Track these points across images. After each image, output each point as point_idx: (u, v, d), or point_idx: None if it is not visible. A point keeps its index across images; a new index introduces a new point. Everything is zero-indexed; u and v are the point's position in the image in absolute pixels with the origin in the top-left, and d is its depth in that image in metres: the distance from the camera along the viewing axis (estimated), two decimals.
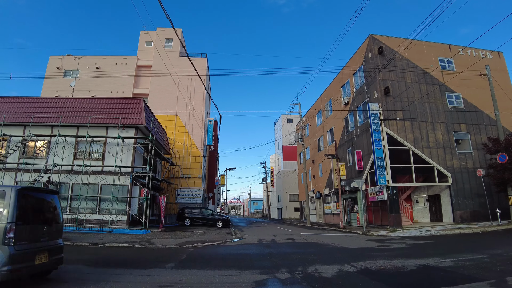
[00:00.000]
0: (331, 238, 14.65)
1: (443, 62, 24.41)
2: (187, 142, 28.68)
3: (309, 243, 12.26)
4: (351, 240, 13.40)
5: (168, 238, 13.25)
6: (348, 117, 26.07)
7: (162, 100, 29.92)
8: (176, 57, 31.74)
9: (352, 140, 24.97)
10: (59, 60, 32.84)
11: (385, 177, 19.65)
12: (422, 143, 21.56)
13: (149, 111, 19.47)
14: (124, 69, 31.86)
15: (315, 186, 33.69)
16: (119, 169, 17.58)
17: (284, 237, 14.61)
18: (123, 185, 17.86)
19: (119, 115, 18.40)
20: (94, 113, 18.68)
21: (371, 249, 10.21)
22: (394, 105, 21.76)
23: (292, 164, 52.70)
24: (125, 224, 17.27)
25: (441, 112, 22.84)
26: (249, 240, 13.33)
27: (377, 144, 20.14)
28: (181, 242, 12.11)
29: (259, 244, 11.85)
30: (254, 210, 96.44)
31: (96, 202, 17.73)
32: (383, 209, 20.88)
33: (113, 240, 12.36)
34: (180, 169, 27.52)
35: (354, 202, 24.18)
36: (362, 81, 24.08)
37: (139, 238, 13.38)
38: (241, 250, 10.15)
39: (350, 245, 11.36)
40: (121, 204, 17.56)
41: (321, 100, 32.94)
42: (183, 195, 27.08)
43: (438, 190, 22.41)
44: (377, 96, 21.88)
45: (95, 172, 17.75)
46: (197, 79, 30.67)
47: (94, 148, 18.65)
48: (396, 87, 22.29)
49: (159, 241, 12.24)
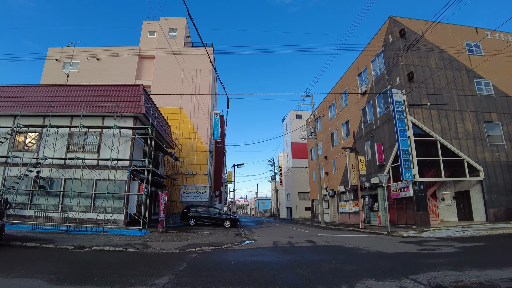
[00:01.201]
0: (356, 240, 12.68)
1: (470, 46, 22.21)
2: (192, 137, 26.90)
3: (334, 246, 10.32)
4: (381, 243, 11.43)
5: (169, 241, 11.44)
6: (366, 107, 24.00)
7: (165, 92, 28.17)
8: (180, 47, 29.96)
9: (371, 132, 22.90)
10: (58, 51, 31.33)
11: (411, 171, 17.59)
12: (451, 134, 19.43)
13: (149, 99, 17.70)
14: (126, 60, 30.27)
15: (328, 184, 31.65)
16: (116, 163, 15.84)
17: (302, 239, 12.68)
18: (120, 181, 16.12)
19: (116, 103, 16.68)
20: (89, 102, 16.98)
21: (415, 254, 8.25)
22: (419, 92, 19.66)
23: (301, 162, 50.67)
24: (123, 224, 15.53)
25: (470, 100, 20.68)
26: (262, 243, 11.43)
27: (401, 135, 18.08)
28: (183, 245, 10.29)
29: (275, 248, 9.96)
30: (262, 209, 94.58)
31: (91, 199, 16.02)
32: (408, 207, 18.81)
33: (104, 242, 10.59)
34: (184, 165, 25.75)
35: (374, 199, 22.12)
36: (382, 67, 22.00)
37: (135, 240, 11.60)
38: (254, 256, 8.26)
39: (385, 249, 9.41)
40: (118, 202, 15.82)
41: (335, 91, 30.88)
42: (188, 193, 25.30)
43: (467, 186, 20.26)
44: (400, 82, 19.79)
45: (89, 166, 16.05)
46: (202, 70, 28.93)
47: (88, 140, 16.95)
48: (420, 73, 20.20)
49: (157, 244, 10.43)
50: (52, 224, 14.49)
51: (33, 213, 14.86)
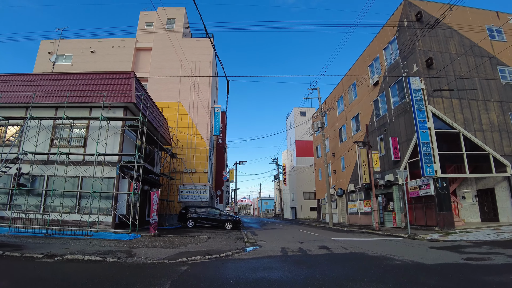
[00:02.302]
0: (376, 245, 10.92)
1: (491, 31, 20.39)
2: (191, 132, 25.21)
3: (356, 255, 8.57)
4: (408, 249, 9.66)
5: (158, 247, 9.74)
6: (378, 99, 22.19)
7: (163, 85, 26.54)
8: (179, 38, 28.30)
9: (385, 125, 21.09)
10: (50, 44, 29.74)
11: (432, 167, 15.79)
12: (474, 126, 17.61)
13: (141, 87, 16.02)
14: (122, 53, 28.65)
15: (336, 182, 29.85)
16: (103, 158, 14.17)
17: (314, 245, 10.93)
18: (108, 178, 14.45)
19: (105, 93, 15.03)
20: (76, 91, 15.34)
21: (465, 266, 6.51)
22: (438, 80, 17.85)
23: (306, 160, 48.86)
24: (110, 227, 13.87)
25: (494, 89, 18.85)
26: (269, 250, 9.69)
27: (421, 126, 16.29)
28: (174, 253, 8.59)
29: (285, 258, 8.22)
30: (265, 209, 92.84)
31: (76, 199, 14.36)
32: (428, 206, 17.02)
33: (82, 249, 8.92)
34: (183, 162, 24.06)
35: (388, 199, 20.31)
36: (396, 54, 20.20)
37: (120, 246, 9.92)
38: (260, 271, 6.53)
39: (420, 258, 7.65)
40: (106, 202, 14.15)
41: (343, 84, 29.07)
42: (186, 192, 23.61)
43: (492, 183, 18.43)
44: (418, 69, 17.99)
45: (74, 162, 14.40)
46: (202, 61, 27.27)
47: (74, 133, 15.31)
48: (439, 59, 18.39)
49: (143, 252, 8.74)
50: (33, 227, 12.88)
51: (10, 215, 13.23)
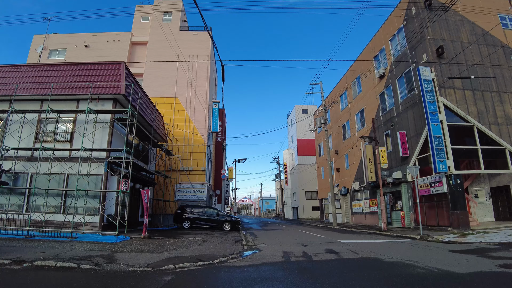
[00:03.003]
0: (389, 248, 9.84)
1: (503, 19, 19.26)
2: (189, 129, 24.13)
3: (369, 261, 7.48)
4: (427, 253, 8.57)
5: (145, 251, 8.66)
6: (384, 92, 21.08)
7: (159, 80, 25.51)
8: (176, 32, 27.26)
9: (392, 120, 19.98)
10: (43, 39, 28.75)
11: (445, 162, 14.67)
12: (489, 119, 16.49)
13: (132, 78, 14.94)
14: (116, 47, 27.60)
15: (339, 181, 28.73)
16: (90, 154, 13.11)
17: (319, 248, 9.83)
18: (96, 175, 13.39)
19: (93, 84, 13.98)
20: (62, 83, 14.29)
21: (506, 275, 5.41)
22: (450, 70, 16.74)
23: (308, 159, 47.74)
24: (98, 228, 12.81)
25: (508, 80, 17.73)
26: (269, 255, 8.59)
27: (432, 119, 15.18)
28: (160, 259, 7.51)
29: (287, 264, 7.13)
30: (266, 209, 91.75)
31: (61, 198, 13.30)
32: (440, 205, 15.90)
33: (58, 253, 7.86)
34: (179, 160, 22.99)
35: (396, 197, 19.19)
36: (404, 44, 19.08)
37: (104, 249, 8.86)
38: (258, 282, 5.42)
39: (446, 264, 6.57)
40: (93, 201, 13.09)
41: (346, 78, 27.96)
42: (183, 192, 22.53)
43: (507, 180, 17.31)
44: (427, 59, 16.88)
45: (60, 158, 13.33)
46: (200, 56, 26.21)
47: (60, 128, 14.25)
48: (450, 48, 17.27)
49: (127, 257, 7.67)
50: (16, 228, 11.86)
51: None
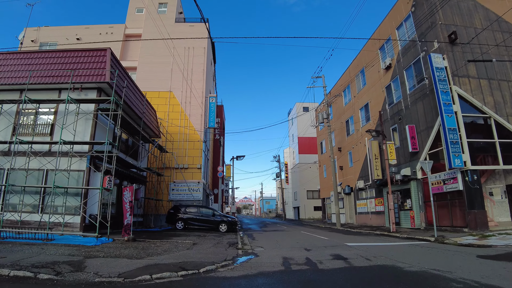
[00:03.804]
0: (405, 253, 8.61)
1: None
2: (184, 124, 22.93)
3: (386, 269, 6.26)
4: (451, 260, 7.34)
5: (123, 257, 7.45)
6: (391, 84, 19.83)
7: (153, 73, 24.33)
8: (171, 24, 26.12)
9: (399, 113, 18.72)
10: (34, 32, 27.66)
11: (461, 157, 13.42)
12: (506, 110, 15.23)
13: (117, 65, 13.72)
14: (110, 40, 26.38)
15: (343, 179, 27.47)
16: (71, 148, 11.91)
17: (325, 253, 8.57)
18: (77, 171, 12.20)
19: (76, 72, 12.80)
20: (43, 71, 13.11)
21: None
22: (464, 57, 15.48)
23: (309, 157, 46.48)
24: (79, 229, 11.61)
25: None
26: (266, 261, 7.33)
27: (446, 110, 13.93)
28: (137, 267, 6.30)
29: (287, 275, 5.88)
30: (267, 209, 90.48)
31: (39, 196, 12.10)
32: (454, 204, 14.64)
33: (20, 259, 6.67)
34: (174, 157, 21.78)
35: (405, 196, 17.93)
36: (412, 32, 17.84)
37: (76, 254, 7.66)
38: None
39: (484, 277, 5.35)
40: (74, 199, 11.88)
41: (349, 72, 26.71)
42: (177, 190, 21.32)
43: None
44: (439, 46, 15.63)
45: (39, 152, 12.13)
46: (195, 48, 25.02)
47: (40, 119, 13.08)
48: (463, 34, 16.01)
49: (99, 264, 6.47)
50: None
51: None
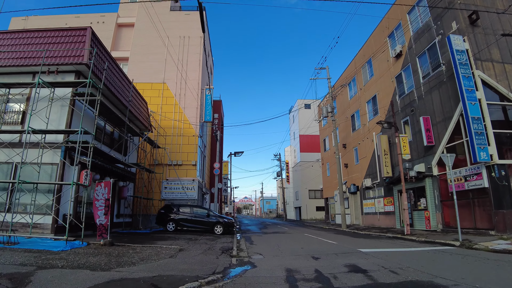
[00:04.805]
0: (435, 263, 7.08)
1: None
2: (178, 117, 21.40)
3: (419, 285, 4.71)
4: (500, 272, 5.80)
5: (85, 268, 5.91)
6: (402, 73, 18.28)
7: (146, 64, 22.84)
8: (166, 12, 24.61)
9: (411, 104, 17.17)
10: (22, 21, 26.23)
11: (487, 150, 11.86)
12: None
13: (98, 44, 12.15)
14: (101, 29, 24.84)
15: (348, 178, 25.91)
16: (43, 137, 10.38)
17: (337, 263, 7.01)
18: (51, 164, 10.67)
19: (52, 53, 11.29)
20: (15, 52, 11.60)
21: None
22: (486, 40, 13.93)
23: (311, 156, 44.94)
24: (50, 230, 10.07)
25: None
26: (265, 276, 5.72)
27: (469, 97, 12.37)
28: (96, 282, 4.80)
29: None
30: (267, 209, 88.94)
31: (7, 193, 10.56)
32: (478, 203, 13.07)
33: None
34: (167, 153, 20.24)
35: (419, 195, 16.36)
36: (426, 15, 16.29)
37: (28, 263, 6.15)
38: None
39: None
40: (45, 197, 10.33)
41: (355, 63, 25.16)
42: (170, 189, 19.77)
43: None
44: (458, 27, 14.08)
45: (9, 143, 10.59)
46: (191, 38, 23.52)
47: (10, 106, 11.55)
48: (484, 16, 14.45)
49: (49, 278, 4.98)
50: None
51: None
